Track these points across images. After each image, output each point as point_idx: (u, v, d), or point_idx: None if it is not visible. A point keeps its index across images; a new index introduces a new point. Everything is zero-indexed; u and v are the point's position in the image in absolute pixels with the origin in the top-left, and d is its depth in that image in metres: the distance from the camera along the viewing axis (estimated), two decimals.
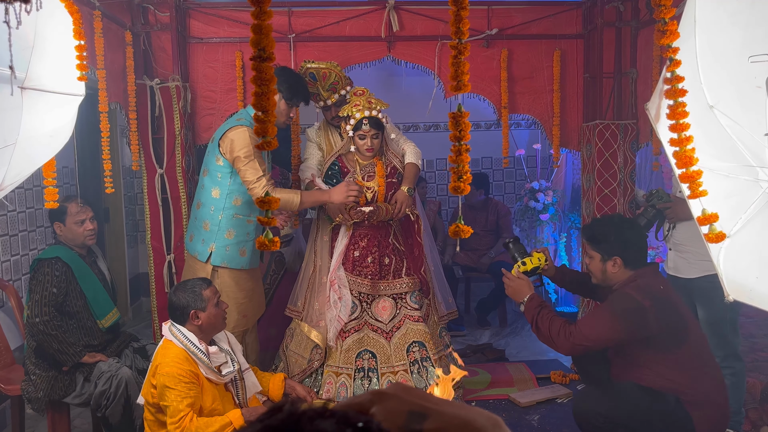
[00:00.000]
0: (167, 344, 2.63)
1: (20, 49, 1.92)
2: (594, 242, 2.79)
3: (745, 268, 1.69)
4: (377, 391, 0.64)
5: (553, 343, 2.71)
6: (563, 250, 5.90)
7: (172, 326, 2.67)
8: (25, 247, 4.15)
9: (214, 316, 2.70)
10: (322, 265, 3.58)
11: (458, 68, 1.59)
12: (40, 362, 3.07)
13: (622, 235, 2.73)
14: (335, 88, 3.57)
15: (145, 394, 2.64)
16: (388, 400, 0.63)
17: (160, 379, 2.52)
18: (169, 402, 2.49)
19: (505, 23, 4.04)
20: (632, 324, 2.57)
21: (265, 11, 1.46)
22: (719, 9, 1.76)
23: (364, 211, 3.36)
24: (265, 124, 1.56)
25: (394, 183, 3.51)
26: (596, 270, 2.79)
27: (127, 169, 5.67)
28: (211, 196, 3.27)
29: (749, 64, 1.66)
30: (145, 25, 3.83)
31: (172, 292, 2.73)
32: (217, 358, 2.69)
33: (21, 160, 2.04)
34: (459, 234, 1.71)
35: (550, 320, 2.70)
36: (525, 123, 6.20)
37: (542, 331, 2.71)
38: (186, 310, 2.65)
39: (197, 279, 2.82)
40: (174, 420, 2.46)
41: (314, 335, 3.49)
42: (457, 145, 1.62)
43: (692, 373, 2.60)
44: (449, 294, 3.94)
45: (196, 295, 2.67)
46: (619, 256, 2.71)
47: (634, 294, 2.58)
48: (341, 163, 3.55)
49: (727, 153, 1.74)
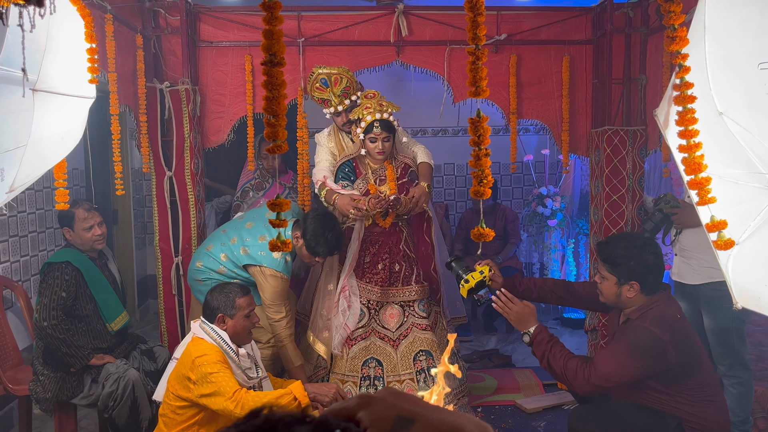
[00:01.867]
0: (198, 340, 2.64)
1: (32, 51, 1.94)
2: (611, 264, 2.60)
3: (754, 276, 1.68)
4: (365, 396, 0.64)
5: (569, 383, 2.58)
6: (571, 256, 5.88)
7: (203, 323, 2.70)
8: (35, 248, 4.18)
9: (241, 326, 2.71)
10: (329, 270, 3.55)
11: (476, 74, 1.60)
12: (49, 363, 3.09)
13: (643, 261, 2.54)
14: (347, 93, 3.57)
15: (177, 391, 2.60)
16: (376, 405, 0.63)
17: (201, 369, 2.51)
18: (218, 384, 2.47)
19: (514, 29, 4.04)
20: (653, 360, 2.45)
21: (276, 17, 1.48)
22: (729, 16, 1.76)
23: (387, 198, 3.22)
24: (275, 128, 1.57)
25: (406, 183, 3.47)
26: (609, 292, 2.64)
27: (136, 172, 5.71)
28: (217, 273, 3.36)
29: (759, 71, 1.65)
30: (156, 29, 3.86)
31: (210, 291, 2.78)
32: (245, 362, 2.71)
33: (32, 162, 2.06)
34: (481, 237, 1.71)
35: (565, 360, 2.54)
36: (533, 128, 6.19)
37: (556, 371, 2.57)
38: (215, 312, 2.69)
39: (237, 285, 2.82)
40: (228, 396, 2.45)
41: (318, 346, 3.46)
42: (476, 150, 1.62)
43: (699, 402, 2.53)
44: (458, 298, 3.88)
45: (229, 300, 2.70)
46: (637, 281, 2.55)
47: (654, 328, 2.45)
48: (355, 163, 3.52)
49: (736, 160, 1.73)
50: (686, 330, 2.57)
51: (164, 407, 2.66)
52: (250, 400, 2.46)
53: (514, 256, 5.66)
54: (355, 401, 0.63)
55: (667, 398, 2.52)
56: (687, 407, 2.51)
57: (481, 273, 2.79)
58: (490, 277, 2.82)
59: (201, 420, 2.62)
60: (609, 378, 2.47)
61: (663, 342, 2.42)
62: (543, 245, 5.91)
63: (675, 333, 2.46)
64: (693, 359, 2.52)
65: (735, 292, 1.67)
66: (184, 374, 2.57)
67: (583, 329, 4.37)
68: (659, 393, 2.52)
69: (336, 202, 3.36)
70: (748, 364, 3.16)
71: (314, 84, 3.60)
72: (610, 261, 2.61)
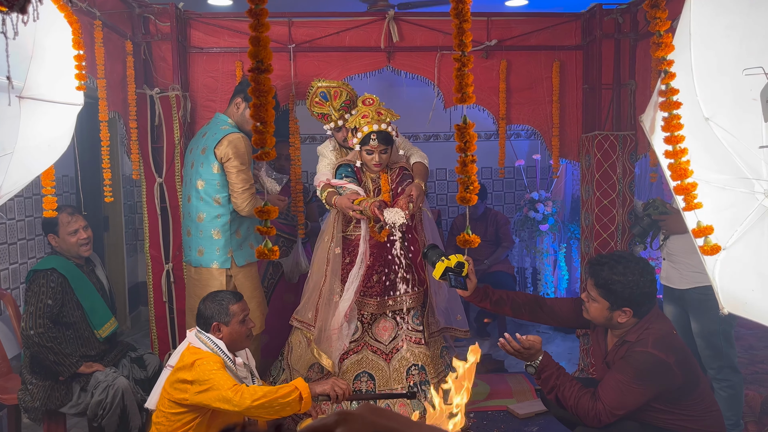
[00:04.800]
0: (194, 349, 2.62)
1: (19, 58, 1.93)
2: (604, 289, 2.50)
3: (740, 281, 1.69)
4: (343, 412, 0.64)
5: (579, 418, 2.49)
6: (563, 260, 5.89)
7: (199, 333, 2.68)
8: (24, 255, 4.15)
9: (237, 332, 2.70)
10: (334, 280, 3.44)
11: (462, 80, 1.60)
12: (37, 372, 3.06)
13: (640, 289, 2.46)
14: (347, 107, 3.54)
15: (171, 396, 2.57)
16: (354, 422, 0.63)
17: (200, 368, 2.50)
18: (216, 380, 2.47)
19: (504, 34, 4.06)
20: (660, 383, 2.41)
21: (263, 23, 1.47)
22: (715, 22, 1.77)
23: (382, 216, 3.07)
24: (263, 135, 1.56)
25: (401, 185, 3.39)
26: (598, 315, 2.56)
27: (127, 178, 5.68)
28: (215, 205, 3.31)
29: (745, 76, 1.66)
30: (146, 35, 3.85)
31: (201, 301, 2.76)
32: (241, 372, 2.70)
33: (18, 169, 2.04)
34: (467, 244, 1.71)
35: (575, 400, 2.46)
36: (525, 133, 6.21)
37: (566, 406, 2.50)
38: (209, 320, 2.67)
39: (228, 292, 2.81)
40: (229, 387, 2.45)
41: (325, 361, 3.35)
42: (463, 156, 1.62)
43: (700, 415, 2.51)
44: (459, 311, 3.75)
45: (222, 308, 2.69)
46: (631, 308, 2.49)
47: (657, 353, 2.39)
48: (356, 167, 3.44)
49: (722, 165, 1.74)
50: (683, 346, 2.54)
51: (158, 414, 2.65)
52: (251, 390, 2.46)
53: (506, 260, 5.66)
54: (333, 418, 0.63)
55: (671, 417, 2.48)
56: (689, 422, 2.49)
57: (466, 261, 2.68)
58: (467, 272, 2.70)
59: (196, 426, 2.60)
60: (619, 412, 2.41)
61: (667, 364, 2.38)
62: (535, 250, 5.92)
63: (676, 353, 2.43)
64: (694, 375, 2.49)
65: (722, 297, 1.67)
66: (181, 378, 2.56)
67: (575, 334, 4.38)
68: (663, 413, 2.48)
69: (336, 203, 3.31)
70: (738, 368, 3.18)
71: (313, 98, 3.58)
72: (604, 287, 2.50)
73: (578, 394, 2.46)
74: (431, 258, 2.76)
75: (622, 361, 2.48)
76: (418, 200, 3.22)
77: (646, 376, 2.39)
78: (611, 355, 2.60)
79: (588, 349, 4.05)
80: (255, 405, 2.42)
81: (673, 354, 2.41)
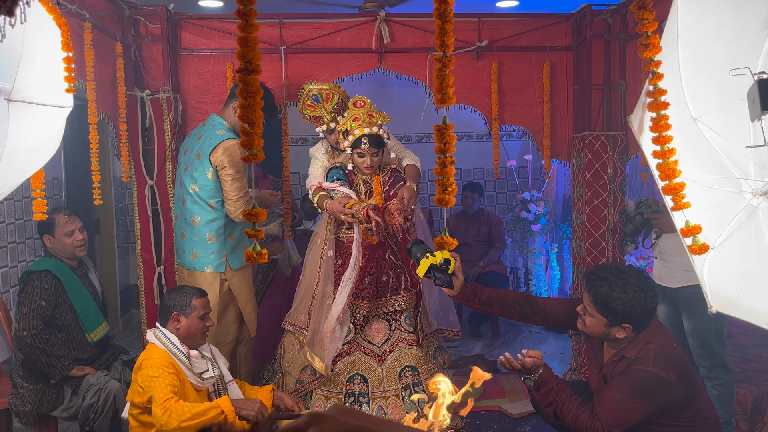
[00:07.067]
0: (151, 347, 2.72)
1: (7, 61, 1.92)
2: (603, 306, 2.40)
3: (729, 280, 1.70)
4: (315, 414, 0.65)
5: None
6: (555, 260, 5.91)
7: (156, 329, 2.76)
8: (14, 258, 4.12)
9: (194, 327, 2.76)
10: (326, 283, 3.42)
11: (443, 81, 1.60)
12: (28, 375, 3.05)
13: (640, 306, 2.37)
14: (339, 109, 3.53)
15: (131, 398, 2.67)
16: (325, 422, 0.64)
17: (144, 372, 2.57)
18: (155, 389, 2.52)
19: (495, 35, 4.06)
20: (660, 400, 2.36)
21: (251, 24, 1.47)
22: (702, 23, 1.78)
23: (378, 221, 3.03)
24: (251, 137, 1.56)
25: (393, 187, 3.38)
26: (596, 330, 2.49)
27: (118, 181, 5.65)
28: (209, 209, 3.32)
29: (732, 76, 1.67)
30: (136, 37, 3.84)
31: (167, 292, 2.86)
32: (199, 364, 2.74)
33: (8, 172, 2.04)
34: (444, 246, 1.71)
35: (574, 416, 2.40)
36: (516, 134, 6.22)
37: (563, 421, 2.46)
38: (170, 310, 2.75)
39: (194, 288, 2.88)
40: (159, 403, 2.49)
41: (318, 364, 3.33)
42: (442, 158, 1.62)
43: (700, 423, 2.47)
44: (451, 311, 3.73)
45: (185, 299, 2.76)
46: (630, 324, 2.41)
47: (658, 371, 2.32)
48: (347, 169, 3.42)
49: (710, 165, 1.75)
50: (683, 358, 2.49)
51: (130, 419, 2.71)
52: (179, 409, 2.49)
53: (499, 260, 5.68)
54: (305, 419, 0.64)
55: (670, 430, 2.45)
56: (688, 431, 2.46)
57: (453, 257, 2.50)
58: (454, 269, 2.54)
59: None
60: (617, 430, 2.35)
61: (669, 382, 2.33)
62: (527, 250, 5.94)
63: (677, 368, 2.36)
64: (694, 386, 2.43)
65: (710, 296, 1.68)
66: (135, 379, 2.64)
67: (567, 333, 4.39)
68: (663, 427, 2.44)
69: (327, 207, 3.30)
70: (729, 366, 3.19)
71: (305, 101, 3.57)
72: (603, 304, 2.40)
73: (577, 411, 2.41)
74: (415, 254, 2.57)
75: (621, 379, 2.40)
76: (410, 203, 3.21)
77: (645, 396, 2.33)
78: (608, 368, 2.53)
79: (581, 349, 4.06)
80: (182, 426, 2.46)
81: (674, 370, 2.34)
